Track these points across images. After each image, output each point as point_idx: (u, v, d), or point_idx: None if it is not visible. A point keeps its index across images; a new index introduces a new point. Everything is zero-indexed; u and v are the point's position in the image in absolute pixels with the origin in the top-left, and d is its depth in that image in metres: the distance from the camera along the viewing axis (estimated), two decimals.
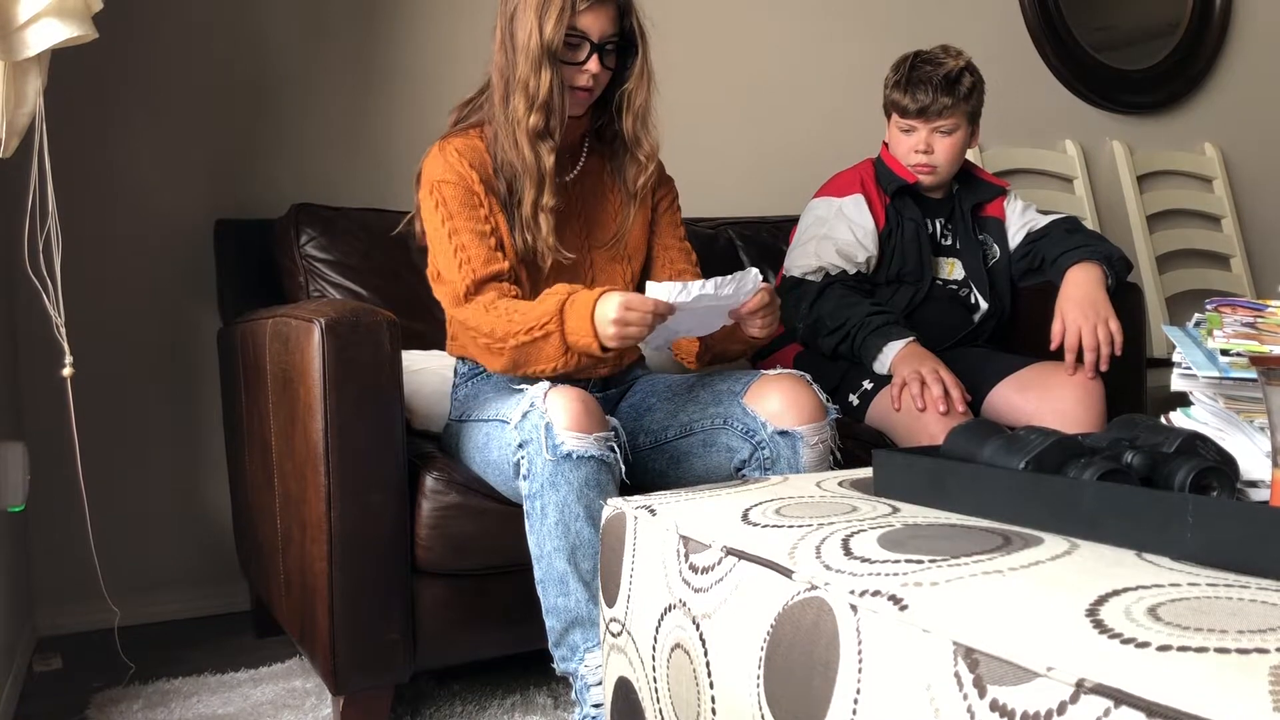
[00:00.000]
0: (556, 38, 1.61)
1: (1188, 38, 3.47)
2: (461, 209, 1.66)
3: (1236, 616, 0.68)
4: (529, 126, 1.63)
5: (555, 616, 1.50)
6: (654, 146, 1.77)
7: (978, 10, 3.15)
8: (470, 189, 1.67)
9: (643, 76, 1.71)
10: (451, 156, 1.68)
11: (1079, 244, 2.12)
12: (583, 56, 1.65)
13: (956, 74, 2.10)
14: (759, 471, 1.60)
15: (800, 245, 2.18)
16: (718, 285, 1.52)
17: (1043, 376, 2.04)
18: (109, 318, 2.28)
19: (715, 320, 1.64)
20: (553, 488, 1.46)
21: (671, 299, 1.50)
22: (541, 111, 1.63)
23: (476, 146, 1.71)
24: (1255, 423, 1.09)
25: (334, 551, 1.56)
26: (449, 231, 1.66)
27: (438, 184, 1.67)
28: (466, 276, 1.64)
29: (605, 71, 1.68)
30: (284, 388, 1.67)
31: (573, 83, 1.67)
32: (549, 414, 1.47)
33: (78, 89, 2.20)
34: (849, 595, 0.82)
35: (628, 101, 1.72)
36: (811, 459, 1.59)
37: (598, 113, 1.77)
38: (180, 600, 2.36)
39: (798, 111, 2.93)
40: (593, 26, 1.64)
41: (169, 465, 2.36)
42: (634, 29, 1.69)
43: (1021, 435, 1.04)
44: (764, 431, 1.59)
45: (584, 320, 1.52)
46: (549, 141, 1.65)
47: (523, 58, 1.62)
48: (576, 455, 1.46)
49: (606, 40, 1.66)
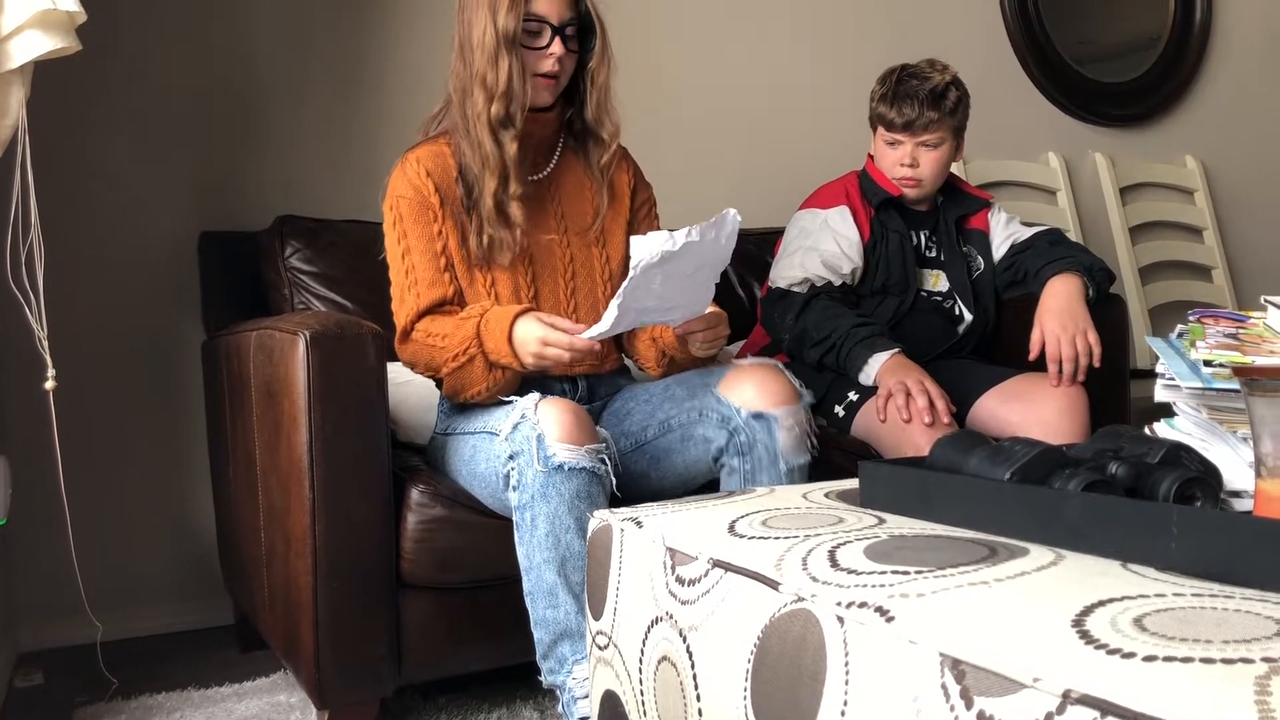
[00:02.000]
0: (513, 26, 1.63)
1: (1168, 51, 3.50)
2: (415, 224, 1.69)
3: (1221, 627, 0.68)
4: (490, 117, 1.65)
5: (544, 628, 1.49)
6: (616, 125, 1.78)
7: (961, 24, 3.17)
8: (425, 201, 1.69)
9: (604, 56, 1.74)
10: (411, 169, 1.71)
11: (1061, 255, 2.13)
12: (545, 41, 1.67)
13: (943, 88, 2.11)
14: (736, 458, 1.60)
15: (786, 257, 2.18)
16: (702, 231, 1.48)
17: (1027, 388, 2.05)
18: (92, 330, 2.27)
19: (703, 289, 1.58)
20: (544, 499, 1.46)
21: (658, 250, 1.45)
22: (502, 100, 1.64)
23: (441, 152, 1.73)
24: (1238, 433, 1.09)
25: (318, 565, 1.55)
26: (403, 251, 1.69)
27: (396, 199, 1.70)
28: (411, 305, 1.66)
29: (570, 55, 1.70)
30: (268, 400, 1.66)
31: (538, 69, 1.68)
32: (540, 425, 1.46)
33: (61, 101, 2.19)
34: (836, 607, 0.82)
35: (591, 80, 1.74)
36: (788, 441, 1.59)
37: (567, 106, 1.79)
38: (163, 615, 2.35)
39: (783, 124, 2.94)
40: (550, 10, 1.66)
41: (152, 479, 2.35)
42: (589, 11, 1.72)
43: (1006, 446, 1.04)
44: (739, 417, 1.60)
45: (500, 340, 1.55)
46: (511, 129, 1.66)
47: (479, 54, 1.65)
48: (568, 467, 1.46)
49: (566, 24, 1.68)
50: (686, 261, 1.48)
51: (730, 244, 1.54)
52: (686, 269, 1.50)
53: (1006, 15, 3.25)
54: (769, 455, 1.59)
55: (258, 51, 2.42)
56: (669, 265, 1.47)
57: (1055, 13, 3.30)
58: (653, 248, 1.44)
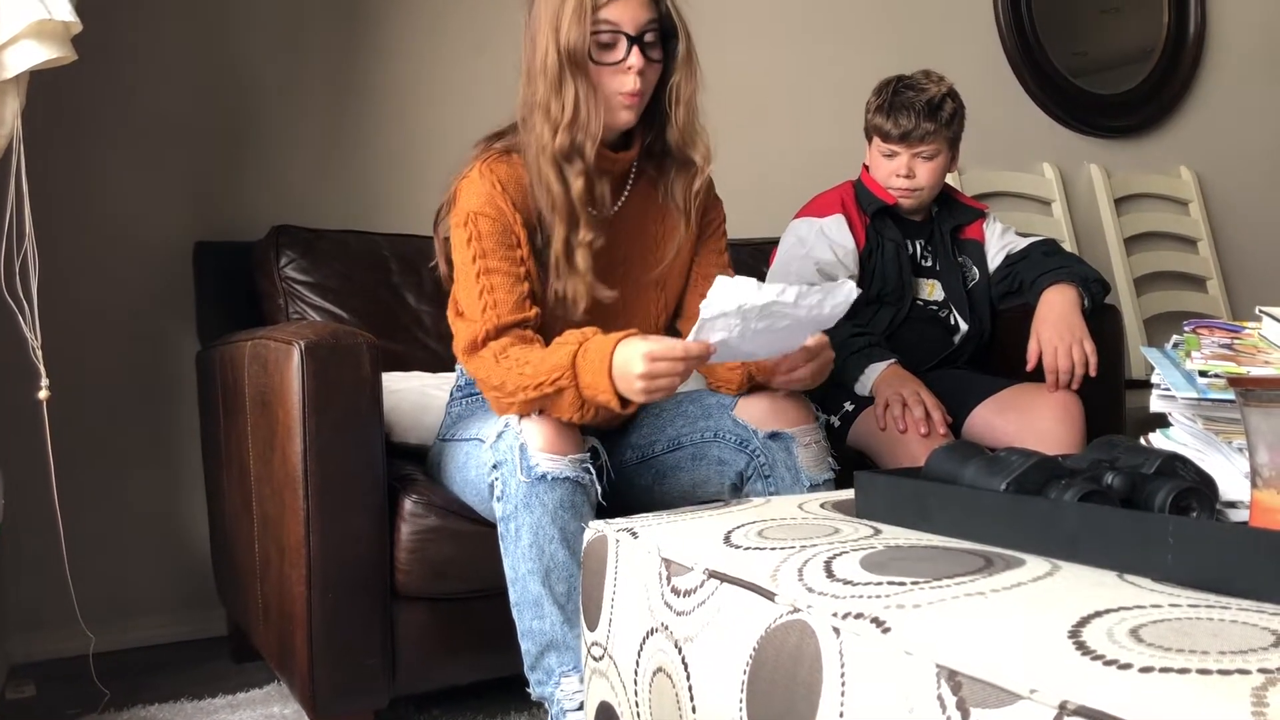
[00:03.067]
0: (579, 40, 1.45)
1: (1162, 63, 3.51)
2: (497, 247, 1.52)
3: (1218, 637, 0.68)
4: (555, 150, 1.48)
5: (530, 640, 1.48)
6: (708, 147, 1.58)
7: (956, 35, 3.18)
8: (509, 228, 1.53)
9: (689, 65, 1.53)
10: (493, 188, 1.53)
11: (1056, 265, 2.13)
12: (621, 54, 1.48)
13: (939, 100, 2.11)
14: (760, 482, 1.58)
15: (782, 265, 2.19)
16: (799, 296, 1.30)
17: (1023, 398, 2.05)
18: (86, 340, 2.26)
19: (791, 340, 1.42)
20: (527, 510, 1.44)
21: (732, 306, 1.29)
22: (568, 131, 1.47)
23: (521, 179, 1.55)
24: (1234, 443, 1.09)
25: (313, 575, 1.55)
26: (479, 270, 1.51)
27: (474, 215, 1.52)
28: (490, 320, 1.49)
29: (653, 66, 1.51)
30: (263, 410, 1.66)
31: (618, 89, 1.49)
32: (523, 435, 1.45)
33: (56, 111, 2.19)
34: (832, 618, 0.82)
35: (676, 95, 1.54)
36: (808, 458, 1.57)
37: (644, 129, 1.59)
38: (156, 626, 2.34)
39: (777, 134, 2.94)
40: (624, 16, 1.47)
41: (146, 489, 2.34)
42: (671, 12, 1.52)
43: (1002, 457, 1.04)
44: (756, 439, 1.58)
45: (600, 374, 1.39)
46: (578, 163, 1.49)
47: (541, 80, 1.49)
48: (551, 477, 1.43)
49: (644, 29, 1.49)
50: (776, 319, 1.34)
51: (836, 315, 1.38)
52: (776, 324, 1.35)
53: (1001, 27, 3.26)
54: (791, 475, 1.57)
55: (253, 61, 2.42)
56: (750, 320, 1.32)
57: (1050, 24, 3.31)
58: (731, 299, 1.29)
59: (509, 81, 1.68)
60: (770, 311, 1.32)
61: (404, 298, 2.22)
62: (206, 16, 2.38)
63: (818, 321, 1.39)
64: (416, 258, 2.22)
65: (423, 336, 2.20)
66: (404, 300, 2.22)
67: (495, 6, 2.60)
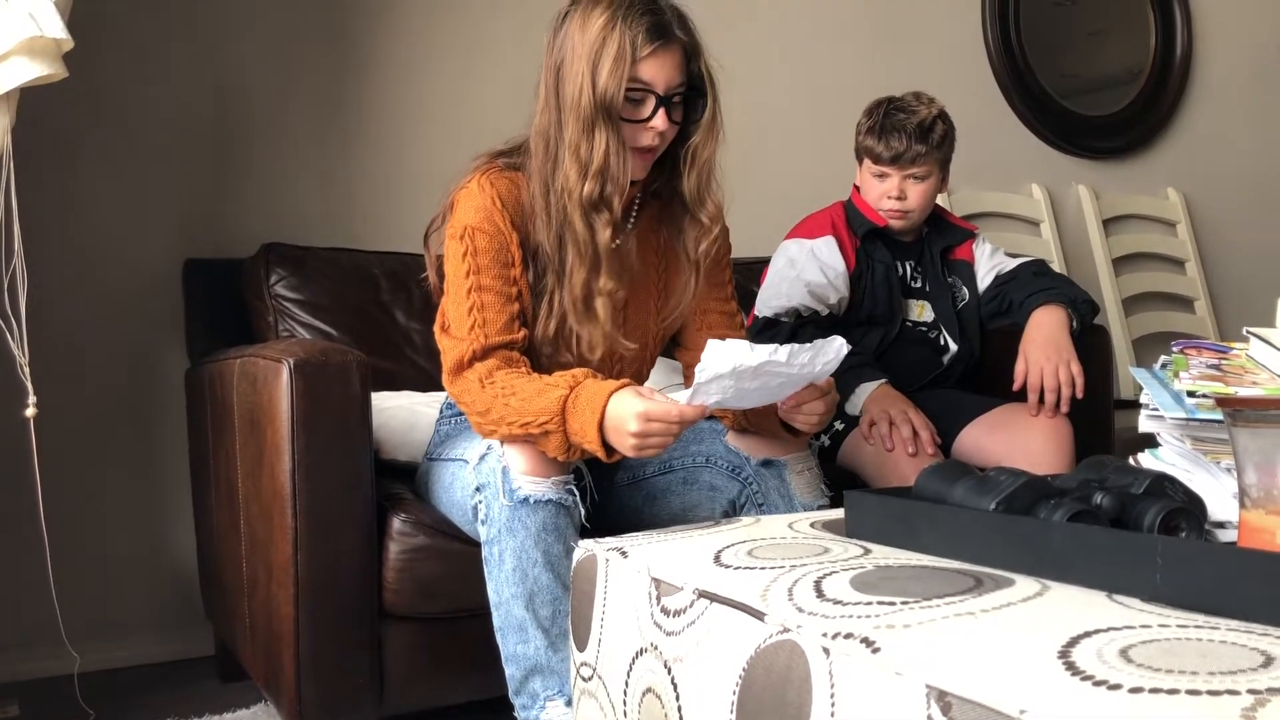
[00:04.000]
0: (614, 91, 1.42)
1: (1150, 85, 3.54)
2: (492, 264, 1.49)
3: (1207, 658, 0.68)
4: (582, 196, 1.44)
5: (515, 664, 1.47)
6: (719, 206, 1.56)
7: (946, 57, 3.20)
8: (506, 246, 1.50)
9: (711, 129, 1.51)
10: (493, 204, 1.50)
11: (1045, 286, 2.14)
12: (647, 112, 1.46)
13: (930, 122, 2.12)
14: (754, 510, 1.58)
15: (772, 286, 2.19)
16: (790, 354, 1.32)
17: (1012, 418, 2.05)
18: (74, 357, 2.25)
19: (782, 394, 1.44)
20: (510, 533, 1.43)
21: (726, 369, 1.30)
22: (597, 179, 1.43)
23: (520, 200, 1.52)
24: (1222, 464, 1.09)
25: (300, 594, 1.54)
26: (472, 286, 1.48)
27: (472, 230, 1.49)
28: (477, 339, 1.46)
29: (673, 127, 1.48)
30: (251, 428, 1.65)
31: (635, 143, 1.47)
32: (506, 458, 1.44)
33: (46, 127, 2.18)
34: (821, 638, 0.81)
35: (692, 156, 1.52)
36: (801, 485, 1.57)
37: (655, 170, 1.56)
38: (142, 645, 2.32)
39: (767, 155, 2.95)
40: (657, 76, 1.44)
41: (133, 507, 2.33)
42: (702, 74, 1.50)
43: (992, 476, 1.04)
44: (749, 466, 1.58)
45: (589, 424, 1.36)
46: (605, 214, 1.45)
47: (572, 118, 1.43)
48: (534, 500, 1.42)
49: (673, 91, 1.47)
50: (770, 377, 1.35)
51: (827, 370, 1.40)
52: (770, 383, 1.37)
53: (990, 49, 3.28)
54: (785, 502, 1.57)
55: (243, 78, 2.43)
56: (744, 380, 1.33)
57: (1038, 47, 3.34)
58: (725, 361, 1.30)
59: (498, 102, 1.68)
60: (763, 371, 1.33)
61: (394, 315, 2.22)
62: (197, 34, 2.39)
63: (809, 378, 1.40)
64: (407, 275, 2.21)
65: (412, 354, 2.20)
66: (394, 318, 2.22)
67: (485, 27, 2.61)
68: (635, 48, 1.42)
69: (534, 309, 1.53)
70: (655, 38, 1.44)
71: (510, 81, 1.78)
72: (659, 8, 1.47)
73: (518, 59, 1.89)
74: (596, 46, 1.43)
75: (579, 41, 1.45)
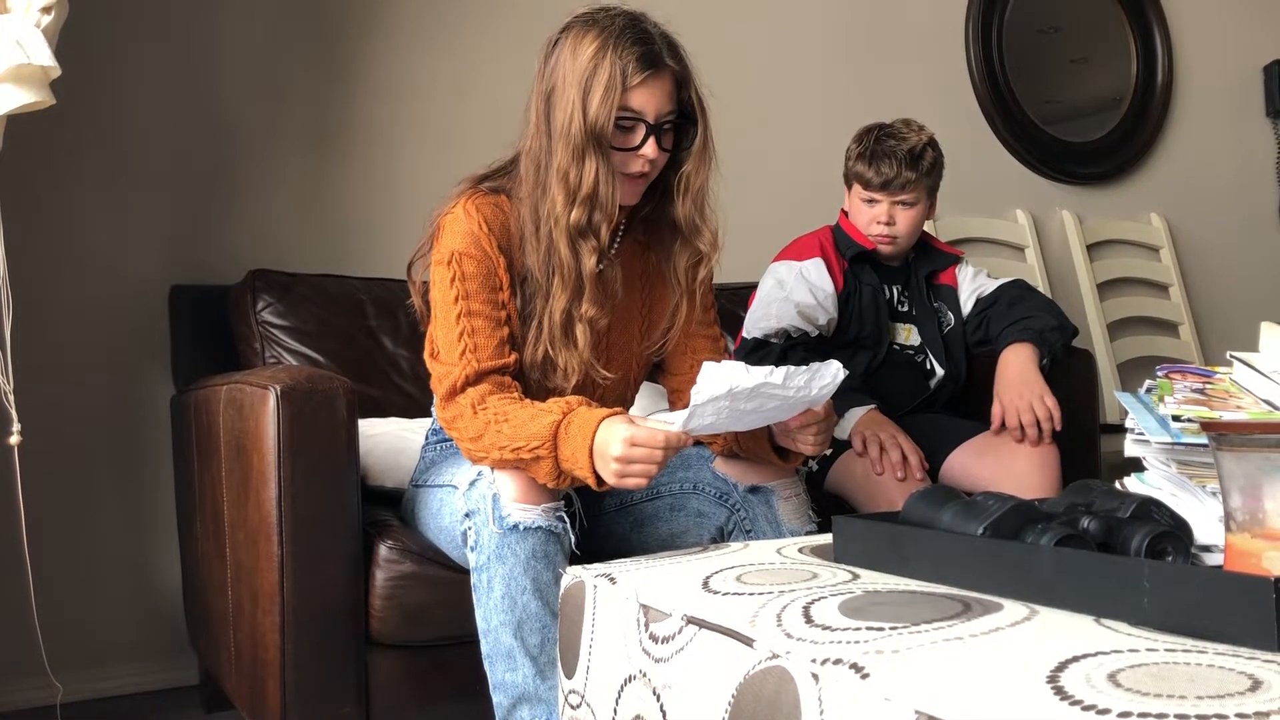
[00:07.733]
0: (604, 120, 1.41)
1: (1132, 111, 3.58)
2: (480, 289, 1.48)
3: (1195, 682, 0.68)
4: (569, 223, 1.44)
5: (503, 692, 1.46)
6: (714, 233, 1.56)
7: (930, 83, 3.23)
8: (493, 270, 1.49)
9: (703, 155, 1.51)
10: (479, 228, 1.49)
11: (1018, 318, 2.15)
12: (636, 140, 1.46)
13: (920, 149, 2.14)
14: (741, 536, 1.58)
15: (761, 307, 2.19)
16: (787, 376, 1.30)
17: (999, 443, 2.06)
18: (60, 384, 2.24)
19: (776, 417, 1.43)
20: (499, 560, 1.42)
21: (723, 390, 1.28)
22: (584, 206, 1.43)
23: (506, 223, 1.51)
24: (1208, 487, 1.10)
25: (286, 623, 1.53)
26: (461, 311, 1.47)
27: (459, 255, 1.48)
28: (469, 365, 1.45)
29: (663, 154, 1.48)
30: (237, 455, 1.65)
31: (624, 169, 1.47)
32: (496, 484, 1.43)
33: (32, 154, 2.18)
34: (810, 664, 0.81)
35: (685, 185, 1.52)
36: (789, 511, 1.57)
37: (646, 195, 1.56)
38: (127, 675, 2.30)
39: (754, 179, 2.96)
40: (648, 105, 1.44)
41: (117, 535, 2.31)
42: (692, 101, 1.50)
43: (979, 501, 1.04)
44: (736, 493, 1.58)
45: (580, 451, 1.36)
46: (591, 241, 1.45)
47: (561, 144, 1.43)
48: (523, 527, 1.41)
49: (663, 120, 1.47)
50: (765, 400, 1.33)
51: (824, 395, 1.37)
52: (765, 405, 1.35)
53: (974, 75, 3.31)
54: (773, 529, 1.56)
55: (231, 105, 2.43)
56: (740, 402, 1.32)
57: (1022, 73, 3.37)
58: (721, 383, 1.28)
59: (488, 127, 1.68)
60: (759, 393, 1.32)
61: (381, 342, 2.22)
62: (185, 61, 2.39)
63: (805, 401, 1.39)
64: (394, 302, 2.21)
65: (400, 381, 2.19)
66: (381, 344, 2.22)
67: (474, 52, 2.63)
68: (626, 76, 1.42)
69: (522, 333, 1.52)
70: (646, 66, 1.44)
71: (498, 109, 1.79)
72: (650, 36, 1.47)
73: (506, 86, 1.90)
74: (587, 74, 1.43)
75: (570, 69, 1.45)
